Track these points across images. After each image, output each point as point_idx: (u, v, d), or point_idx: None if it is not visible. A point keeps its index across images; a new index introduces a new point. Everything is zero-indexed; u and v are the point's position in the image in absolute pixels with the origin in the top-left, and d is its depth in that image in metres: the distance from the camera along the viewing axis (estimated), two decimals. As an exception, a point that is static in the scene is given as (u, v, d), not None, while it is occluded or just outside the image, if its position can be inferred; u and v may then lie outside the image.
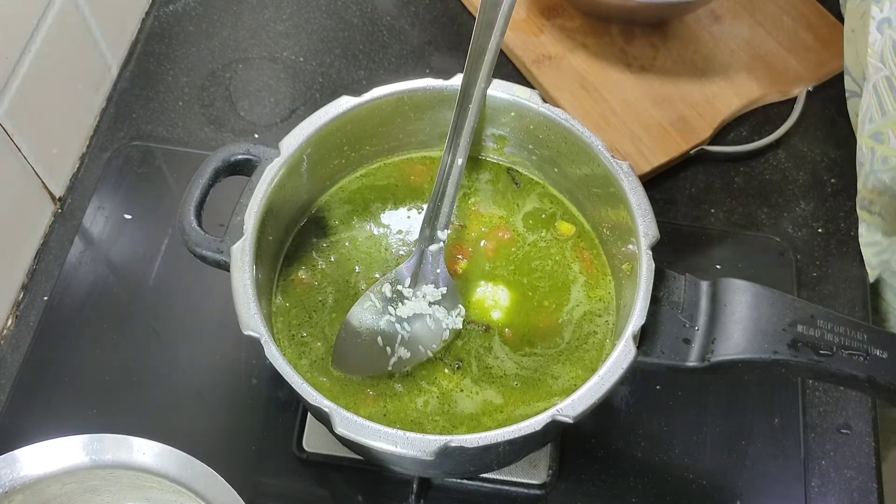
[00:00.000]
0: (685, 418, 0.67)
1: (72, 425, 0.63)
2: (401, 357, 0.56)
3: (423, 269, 0.57)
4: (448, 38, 0.85)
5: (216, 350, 0.68)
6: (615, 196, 0.55)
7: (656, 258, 0.51)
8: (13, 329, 0.69)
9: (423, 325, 0.56)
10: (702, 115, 0.78)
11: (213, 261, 0.53)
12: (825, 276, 0.74)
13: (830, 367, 0.48)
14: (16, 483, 0.49)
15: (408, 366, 0.55)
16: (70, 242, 0.72)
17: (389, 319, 0.56)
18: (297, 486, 0.64)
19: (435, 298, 0.57)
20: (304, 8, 0.86)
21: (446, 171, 0.57)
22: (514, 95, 0.57)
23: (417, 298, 0.57)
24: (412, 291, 0.57)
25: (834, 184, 0.78)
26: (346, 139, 0.59)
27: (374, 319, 0.56)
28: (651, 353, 0.50)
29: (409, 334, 0.56)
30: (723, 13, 0.84)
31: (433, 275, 0.57)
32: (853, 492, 0.65)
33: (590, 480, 0.64)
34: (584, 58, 0.81)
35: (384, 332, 0.56)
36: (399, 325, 0.56)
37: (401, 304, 0.57)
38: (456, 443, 0.46)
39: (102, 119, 0.79)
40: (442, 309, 0.57)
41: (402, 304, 0.57)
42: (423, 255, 0.57)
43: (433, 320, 0.56)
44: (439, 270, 0.57)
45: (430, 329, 0.56)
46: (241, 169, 0.56)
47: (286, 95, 0.81)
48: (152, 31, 0.84)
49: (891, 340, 0.48)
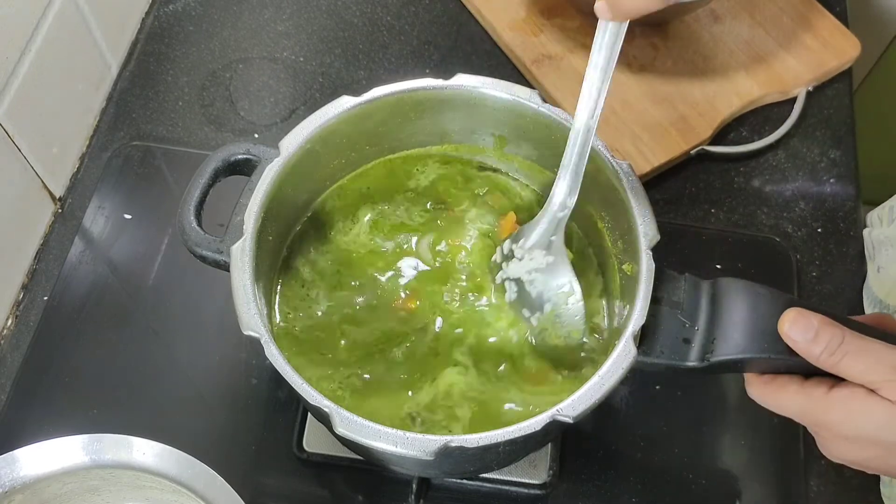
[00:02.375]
0: (685, 418, 0.67)
1: (72, 425, 0.63)
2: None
3: (543, 232, 0.55)
4: (448, 38, 0.85)
5: (216, 350, 0.68)
6: (615, 196, 0.55)
7: (656, 258, 0.51)
8: (13, 329, 0.69)
9: (523, 290, 0.56)
10: (702, 115, 0.78)
11: (213, 261, 0.53)
12: (825, 276, 0.74)
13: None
14: (16, 483, 0.49)
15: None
16: (70, 242, 0.72)
17: (503, 275, 0.56)
18: (297, 486, 0.64)
19: (538, 266, 0.55)
20: (304, 8, 0.86)
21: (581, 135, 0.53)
22: (514, 95, 0.57)
23: (524, 260, 0.56)
24: (523, 251, 0.56)
25: (834, 184, 0.78)
26: (346, 139, 0.59)
27: (493, 273, 0.57)
28: (651, 352, 0.50)
29: (517, 296, 0.56)
30: (723, 13, 0.84)
31: (547, 241, 0.55)
32: (853, 491, 0.65)
33: (590, 480, 0.64)
34: (584, 58, 0.80)
35: (499, 288, 0.56)
36: (508, 284, 0.56)
37: (511, 262, 0.56)
38: (456, 443, 0.46)
39: (102, 119, 0.79)
40: (541, 279, 0.55)
41: (510, 262, 0.56)
42: (548, 217, 0.55)
43: (533, 287, 0.55)
44: (554, 238, 0.55)
45: (531, 298, 0.56)
46: (241, 169, 0.56)
47: (286, 95, 0.81)
48: (152, 31, 0.84)
49: (891, 340, 0.48)
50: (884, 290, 0.69)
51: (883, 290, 0.69)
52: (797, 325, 0.46)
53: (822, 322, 0.45)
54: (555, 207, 0.55)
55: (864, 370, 0.45)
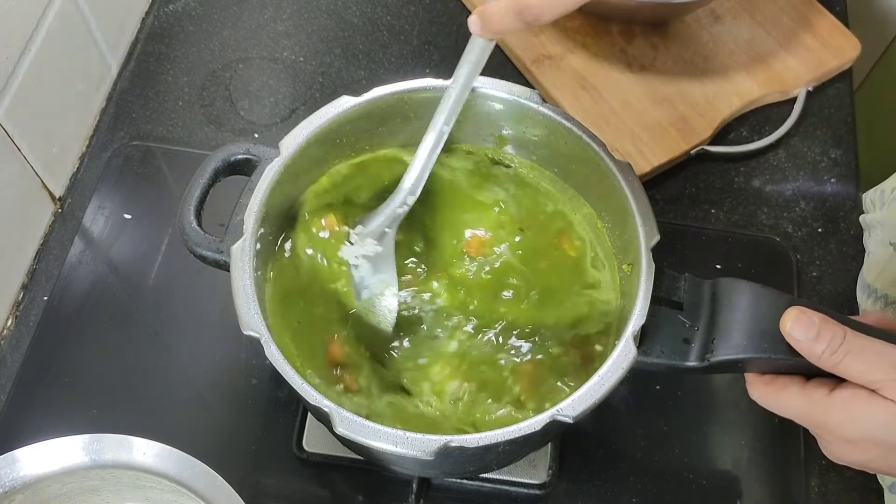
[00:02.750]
0: (685, 418, 0.67)
1: (72, 425, 0.63)
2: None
3: (378, 223, 0.57)
4: (448, 38, 0.85)
5: (216, 350, 0.68)
6: (615, 196, 0.55)
7: (656, 258, 0.51)
8: (13, 329, 0.69)
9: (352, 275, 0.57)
10: (702, 115, 0.78)
11: (213, 261, 0.53)
12: (825, 276, 0.74)
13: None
14: (16, 483, 0.49)
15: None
16: (70, 242, 0.72)
17: (339, 256, 0.57)
18: (297, 486, 0.64)
19: (366, 253, 0.57)
20: (304, 8, 0.86)
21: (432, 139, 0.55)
22: (514, 95, 0.57)
23: (355, 245, 0.57)
24: (357, 238, 0.57)
25: (834, 184, 0.78)
26: (346, 139, 0.59)
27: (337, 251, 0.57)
28: (651, 352, 0.50)
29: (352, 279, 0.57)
30: (723, 13, 0.84)
31: (381, 232, 0.57)
32: (853, 491, 0.65)
33: (590, 480, 0.64)
34: (584, 58, 0.81)
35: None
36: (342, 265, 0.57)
37: (344, 246, 0.57)
38: (456, 443, 0.46)
39: (102, 119, 0.79)
40: (366, 266, 0.57)
41: (344, 246, 0.57)
42: (388, 210, 0.57)
43: (356, 273, 0.57)
44: (388, 230, 0.57)
45: (354, 283, 0.57)
46: (241, 169, 0.56)
47: (286, 95, 0.81)
48: (152, 31, 0.84)
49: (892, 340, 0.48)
50: (872, 274, 0.69)
51: (871, 274, 0.69)
52: (799, 324, 0.46)
53: (824, 321, 0.45)
54: (396, 202, 0.56)
55: (865, 369, 0.45)
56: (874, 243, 0.70)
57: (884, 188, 0.72)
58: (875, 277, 0.68)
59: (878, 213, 0.71)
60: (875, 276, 0.68)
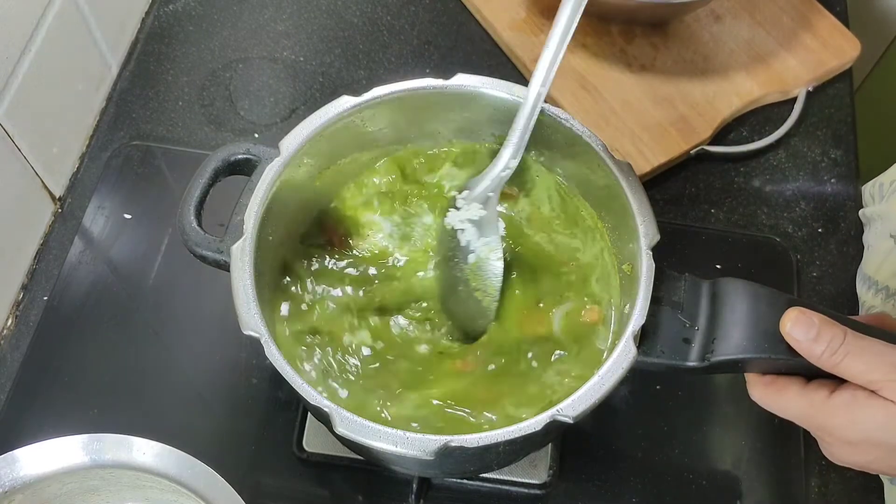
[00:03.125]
0: (685, 418, 0.67)
1: (72, 425, 0.63)
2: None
3: (483, 187, 0.58)
4: (448, 38, 0.85)
5: (216, 350, 0.68)
6: (615, 196, 0.55)
7: (656, 258, 0.51)
8: (13, 329, 0.69)
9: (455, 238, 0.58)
10: (702, 115, 0.78)
11: (213, 261, 0.53)
12: (825, 276, 0.74)
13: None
14: (16, 483, 0.49)
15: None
16: (70, 242, 0.72)
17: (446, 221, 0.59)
18: (297, 486, 0.64)
19: (471, 217, 0.58)
20: (304, 8, 0.86)
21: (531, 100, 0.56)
22: (514, 95, 0.57)
23: (461, 210, 0.58)
24: (464, 202, 0.58)
25: (834, 184, 0.78)
26: (346, 139, 0.59)
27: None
28: (651, 352, 0.50)
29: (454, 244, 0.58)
30: (723, 13, 0.84)
31: (485, 196, 0.58)
32: (853, 492, 0.65)
33: (590, 480, 0.64)
34: (584, 58, 0.81)
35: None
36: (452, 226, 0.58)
37: (450, 211, 0.58)
38: (456, 443, 0.46)
39: (102, 119, 0.79)
40: (471, 230, 0.58)
41: (450, 211, 0.58)
42: (492, 174, 0.58)
43: (462, 237, 0.58)
44: (491, 195, 0.58)
45: (461, 246, 0.58)
46: (241, 169, 0.56)
47: (286, 95, 0.81)
48: (152, 31, 0.84)
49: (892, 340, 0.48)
50: (873, 266, 0.69)
51: (872, 266, 0.69)
52: (799, 325, 0.46)
53: (824, 322, 0.45)
54: (499, 167, 0.57)
55: (864, 370, 0.45)
56: (874, 236, 0.70)
57: (882, 181, 0.72)
58: (876, 270, 0.68)
59: (878, 206, 0.71)
60: (876, 268, 0.68)
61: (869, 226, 0.72)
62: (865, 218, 0.73)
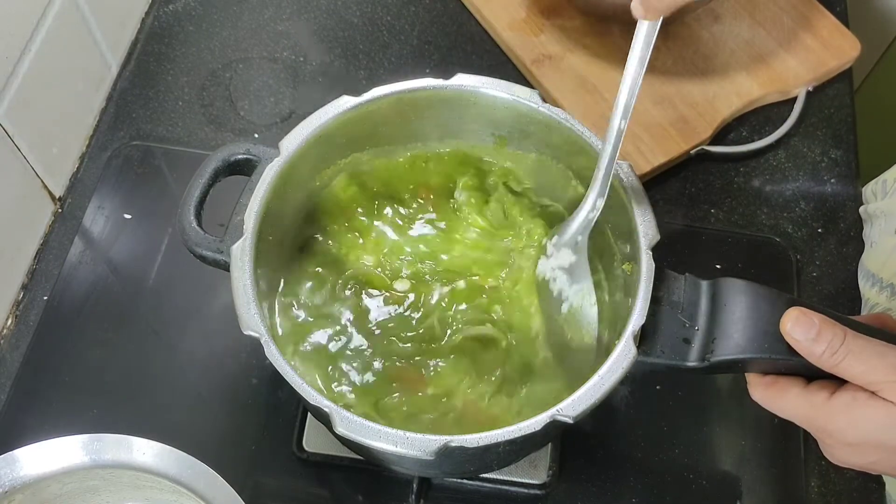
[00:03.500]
0: (685, 418, 0.67)
1: (72, 425, 0.63)
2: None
3: (572, 231, 0.56)
4: (448, 38, 0.85)
5: (216, 350, 0.68)
6: (615, 196, 0.55)
7: (656, 258, 0.51)
8: (13, 329, 0.69)
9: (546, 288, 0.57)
10: (702, 115, 0.78)
11: (213, 261, 0.53)
12: (825, 276, 0.74)
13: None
14: (16, 483, 0.49)
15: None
16: (70, 242, 0.72)
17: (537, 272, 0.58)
18: (297, 486, 0.64)
19: (562, 264, 0.57)
20: (304, 8, 0.86)
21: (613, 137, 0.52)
22: (514, 95, 0.57)
23: (551, 258, 0.57)
24: (554, 250, 0.57)
25: (834, 184, 0.78)
26: (346, 139, 0.59)
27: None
28: (651, 352, 0.50)
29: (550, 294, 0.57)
30: (723, 13, 0.84)
31: (574, 240, 0.56)
32: (853, 492, 0.65)
33: (590, 480, 0.64)
34: (584, 58, 0.81)
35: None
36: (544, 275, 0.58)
37: (543, 258, 0.58)
38: (456, 443, 0.46)
39: (102, 119, 0.79)
40: (563, 278, 0.56)
41: (541, 260, 0.58)
42: (580, 216, 0.55)
43: (554, 287, 0.57)
44: (580, 238, 0.56)
45: (552, 296, 0.57)
46: (241, 169, 0.56)
47: (286, 95, 0.81)
48: (152, 31, 0.84)
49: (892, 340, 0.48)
50: (877, 263, 0.69)
51: (876, 263, 0.69)
52: (799, 325, 0.46)
53: (824, 322, 0.45)
54: (587, 208, 0.54)
55: (865, 370, 0.45)
56: (878, 233, 0.70)
57: (885, 178, 0.72)
58: (880, 267, 0.68)
59: (882, 203, 0.71)
60: (880, 265, 0.68)
61: (871, 222, 0.72)
62: (867, 214, 0.73)
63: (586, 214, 0.54)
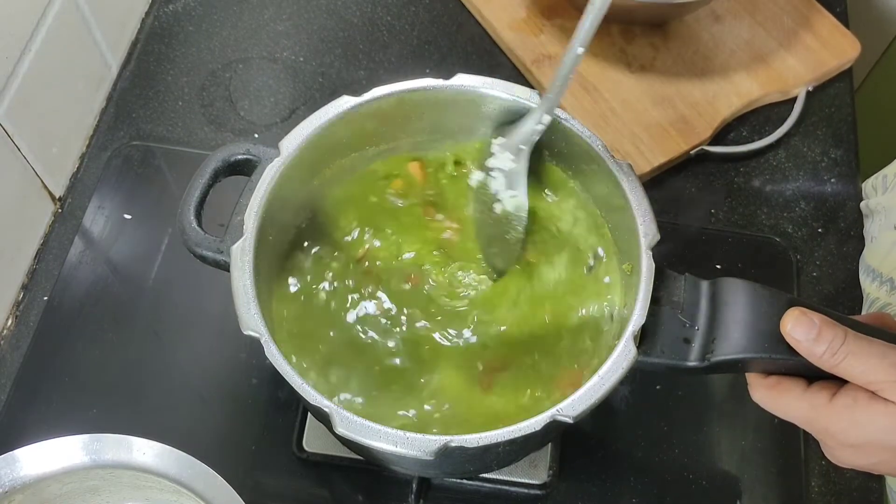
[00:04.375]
0: (685, 418, 0.67)
1: (72, 425, 0.63)
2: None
3: (515, 139, 0.58)
4: (448, 38, 0.85)
5: (216, 350, 0.68)
6: (615, 196, 0.55)
7: (656, 258, 0.51)
8: (13, 329, 0.69)
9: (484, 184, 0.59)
10: (702, 115, 0.78)
11: (213, 261, 0.53)
12: (825, 276, 0.74)
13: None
14: (16, 483, 0.49)
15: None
16: (70, 242, 0.72)
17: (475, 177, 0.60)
18: (297, 486, 0.64)
19: (501, 166, 0.58)
20: (304, 8, 0.86)
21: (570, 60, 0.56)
22: (514, 95, 0.57)
23: (495, 157, 0.59)
24: (498, 150, 0.59)
25: (835, 184, 0.78)
26: (346, 139, 0.59)
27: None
28: (651, 352, 0.50)
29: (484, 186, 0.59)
30: (723, 13, 0.84)
31: (517, 147, 0.58)
32: (853, 492, 0.65)
33: (590, 480, 0.64)
34: (584, 58, 0.80)
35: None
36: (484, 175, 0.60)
37: (489, 156, 0.59)
38: (456, 443, 0.46)
39: (102, 119, 0.79)
40: (502, 180, 0.58)
41: (489, 156, 0.59)
42: (526, 127, 0.57)
43: (493, 185, 0.59)
44: (522, 147, 0.58)
45: (489, 193, 0.59)
46: (241, 169, 0.56)
47: (286, 95, 0.81)
48: (152, 31, 0.84)
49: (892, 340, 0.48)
50: (877, 258, 0.69)
51: (876, 258, 0.69)
52: (800, 325, 0.46)
53: (825, 322, 0.45)
54: (533, 120, 0.57)
55: (865, 370, 0.45)
56: (878, 228, 0.70)
57: (886, 173, 0.72)
58: (880, 261, 0.68)
59: (882, 198, 0.71)
60: (880, 260, 0.68)
61: (871, 217, 0.72)
62: (868, 209, 0.73)
63: (533, 126, 0.57)
